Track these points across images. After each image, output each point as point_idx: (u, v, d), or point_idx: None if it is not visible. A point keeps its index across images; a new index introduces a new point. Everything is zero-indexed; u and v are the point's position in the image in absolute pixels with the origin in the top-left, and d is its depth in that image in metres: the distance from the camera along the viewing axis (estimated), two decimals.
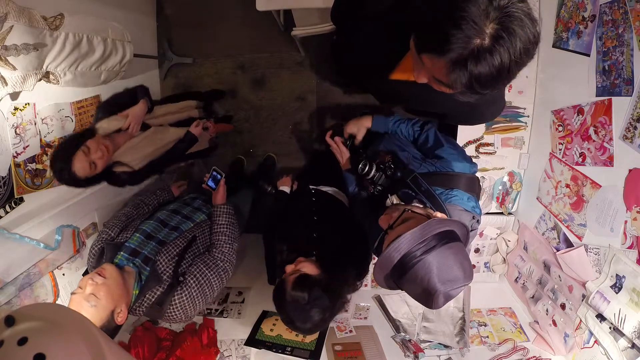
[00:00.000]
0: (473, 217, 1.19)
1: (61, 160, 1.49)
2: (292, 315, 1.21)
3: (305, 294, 1.18)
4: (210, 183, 1.63)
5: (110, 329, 1.23)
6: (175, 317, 1.34)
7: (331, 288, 1.23)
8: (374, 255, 2.03)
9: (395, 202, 1.24)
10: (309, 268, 1.25)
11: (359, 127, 1.47)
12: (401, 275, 0.95)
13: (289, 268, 1.27)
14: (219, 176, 1.64)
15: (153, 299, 1.32)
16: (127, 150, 1.71)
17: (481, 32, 0.69)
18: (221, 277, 1.44)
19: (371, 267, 2.09)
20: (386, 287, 1.05)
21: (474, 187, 1.24)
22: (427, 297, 0.93)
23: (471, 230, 1.19)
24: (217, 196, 1.62)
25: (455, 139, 1.80)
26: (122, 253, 1.38)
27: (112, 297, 1.21)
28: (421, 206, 1.15)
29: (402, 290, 1.01)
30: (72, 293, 1.21)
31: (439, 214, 1.06)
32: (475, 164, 1.27)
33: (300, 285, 1.19)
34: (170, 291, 1.33)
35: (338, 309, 1.27)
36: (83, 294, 1.18)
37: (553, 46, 1.62)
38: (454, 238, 0.97)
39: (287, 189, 1.74)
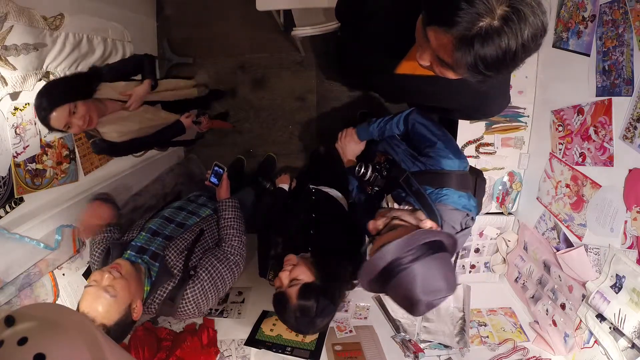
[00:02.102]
0: (467, 215, 1.19)
1: (47, 99, 1.38)
2: (300, 326, 1.22)
3: (313, 303, 1.18)
4: (213, 179, 1.62)
5: (127, 323, 1.22)
6: (188, 311, 1.32)
7: (333, 292, 1.24)
8: None
9: (390, 202, 1.24)
10: (305, 274, 1.24)
11: (355, 148, 1.49)
12: (385, 282, 0.97)
13: (284, 276, 1.25)
14: (220, 171, 1.63)
15: (165, 295, 1.31)
16: (114, 120, 1.65)
17: (491, 12, 0.69)
18: (233, 271, 1.42)
19: None
20: (369, 290, 1.06)
21: (466, 184, 1.23)
22: (410, 305, 0.96)
23: (465, 228, 1.19)
24: (220, 191, 1.61)
25: (455, 139, 1.80)
26: (128, 252, 1.37)
27: (129, 291, 1.20)
28: (410, 208, 1.15)
29: (386, 295, 1.03)
30: (87, 286, 1.18)
31: (428, 223, 1.06)
32: (465, 159, 1.26)
33: (307, 296, 1.19)
34: (182, 286, 1.31)
35: (337, 309, 1.28)
36: (99, 285, 1.16)
37: (553, 46, 1.62)
38: (440, 248, 0.98)
39: (285, 187, 1.75)
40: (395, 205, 1.22)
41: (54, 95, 1.39)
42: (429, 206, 1.14)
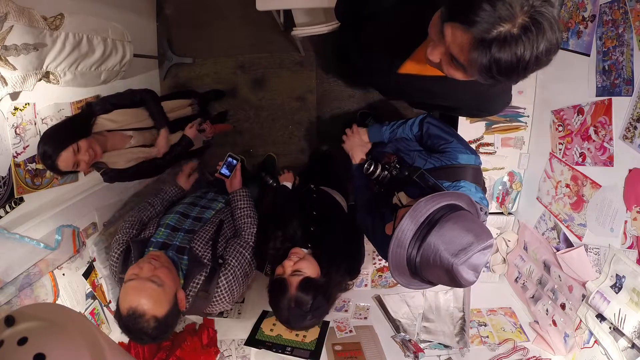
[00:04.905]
0: (481, 209, 1.19)
1: (50, 146, 1.42)
2: (290, 317, 1.21)
3: (311, 299, 1.18)
4: (225, 171, 1.60)
5: (177, 313, 1.20)
6: (223, 299, 1.32)
7: (331, 294, 1.25)
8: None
9: (402, 199, 1.24)
10: (309, 269, 1.24)
11: (364, 149, 1.50)
12: (416, 268, 0.91)
13: (288, 264, 1.26)
14: (234, 162, 1.62)
15: (198, 286, 1.29)
16: (117, 154, 1.68)
17: (513, 19, 0.70)
18: (255, 257, 1.45)
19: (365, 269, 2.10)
20: (415, 288, 1.01)
21: (479, 178, 1.25)
22: (450, 276, 0.87)
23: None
24: (234, 182, 1.60)
25: None
26: (151, 248, 1.35)
27: (172, 278, 1.18)
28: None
29: (432, 283, 0.97)
30: (126, 281, 1.14)
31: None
32: (478, 155, 1.28)
33: (306, 290, 1.19)
34: (213, 275, 1.31)
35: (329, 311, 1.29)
36: (141, 277, 1.12)
37: None
38: (454, 209, 0.93)
39: (289, 185, 1.75)
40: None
41: (55, 141, 1.43)
42: None
